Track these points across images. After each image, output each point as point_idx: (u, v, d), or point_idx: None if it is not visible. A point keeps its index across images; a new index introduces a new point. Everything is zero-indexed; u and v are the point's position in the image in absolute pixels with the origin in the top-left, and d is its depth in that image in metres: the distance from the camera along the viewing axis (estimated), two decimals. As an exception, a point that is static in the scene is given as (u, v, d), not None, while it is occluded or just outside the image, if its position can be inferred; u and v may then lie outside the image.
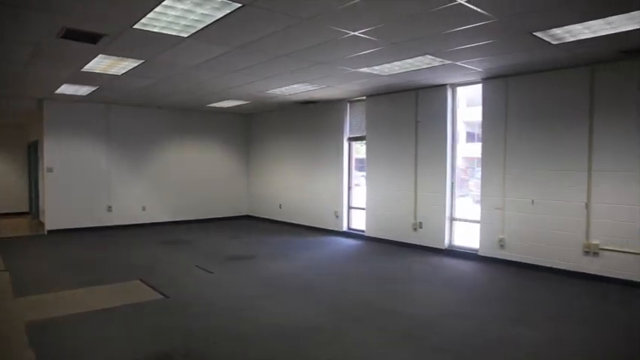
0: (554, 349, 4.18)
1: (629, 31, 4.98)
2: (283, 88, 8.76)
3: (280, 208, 12.26)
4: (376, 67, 6.88)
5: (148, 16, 4.61)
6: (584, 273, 6.55)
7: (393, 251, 8.53)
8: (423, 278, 6.69)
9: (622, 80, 6.23)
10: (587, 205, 6.56)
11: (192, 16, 4.66)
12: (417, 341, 4.35)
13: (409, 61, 6.43)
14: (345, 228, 10.41)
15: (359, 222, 10.20)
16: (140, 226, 11.36)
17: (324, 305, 5.41)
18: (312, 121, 11.11)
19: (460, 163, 15.17)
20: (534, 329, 4.63)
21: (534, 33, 5.10)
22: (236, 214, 13.26)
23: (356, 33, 5.14)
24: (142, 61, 6.50)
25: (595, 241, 6.48)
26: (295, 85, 8.45)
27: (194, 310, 5.17)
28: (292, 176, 11.87)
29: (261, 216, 12.95)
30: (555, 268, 6.81)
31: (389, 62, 6.55)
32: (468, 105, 15.35)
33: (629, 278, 6.14)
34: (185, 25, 4.93)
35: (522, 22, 4.78)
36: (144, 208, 11.55)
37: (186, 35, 5.25)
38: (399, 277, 6.71)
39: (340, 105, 10.35)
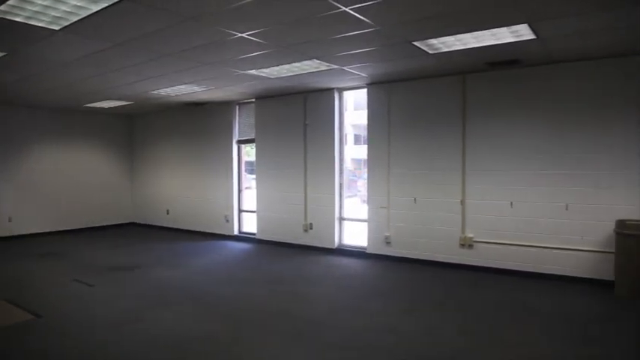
0: (434, 332, 4.48)
1: (492, 45, 5.51)
2: (169, 89, 8.40)
3: (168, 213, 11.74)
4: (265, 70, 6.87)
5: (9, 2, 4.12)
6: (461, 264, 7.13)
7: (284, 253, 8.58)
8: (314, 278, 6.81)
9: (489, 88, 6.90)
10: (462, 202, 7.15)
11: (63, 7, 4.26)
12: (310, 340, 4.41)
13: (297, 64, 6.51)
14: (236, 232, 10.26)
15: (250, 225, 10.12)
16: (6, 239, 10.17)
17: (216, 312, 5.28)
18: (201, 123, 10.80)
19: (349, 164, 15.63)
20: (418, 317, 4.93)
21: (413, 42, 5.44)
22: (120, 222, 12.44)
23: (243, 35, 5.08)
24: (4, 53, 5.82)
25: (470, 235, 7.09)
26: (182, 86, 8.15)
27: (71, 330, 4.73)
28: (180, 180, 11.43)
29: (148, 223, 12.30)
30: (436, 261, 7.33)
31: (277, 65, 6.58)
32: (355, 108, 15.97)
33: (500, 266, 6.82)
34: (55, 17, 4.50)
35: (402, 31, 5.07)
36: (10, 219, 10.35)
37: (57, 28, 4.79)
38: (291, 279, 6.76)
39: (229, 107, 10.19)
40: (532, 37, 5.19)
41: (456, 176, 7.19)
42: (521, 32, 5.06)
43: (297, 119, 8.96)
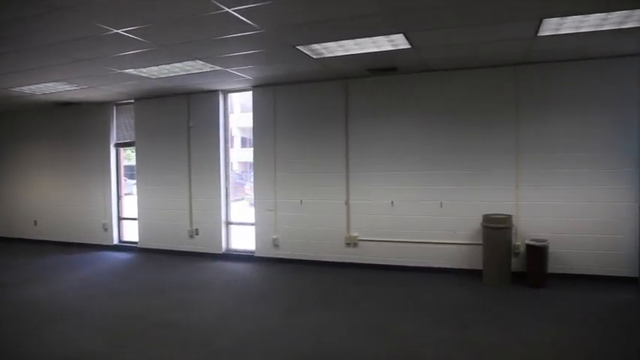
0: (321, 331, 4.59)
1: (372, 52, 5.80)
2: (35, 86, 7.62)
3: (36, 224, 10.61)
4: (144, 69, 6.53)
5: None
6: (348, 262, 7.39)
7: (169, 261, 8.21)
8: (200, 285, 6.61)
9: (370, 93, 7.25)
10: (346, 202, 7.41)
11: None
12: (197, 348, 4.28)
13: (179, 65, 6.28)
14: (115, 241, 9.60)
15: (132, 233, 9.54)
16: None
17: (95, 328, 4.88)
18: (74, 125, 9.91)
19: (236, 167, 15.37)
20: (305, 318, 5.01)
21: (297, 47, 5.52)
22: (-25, 236, 11.00)
23: (120, 31, 4.78)
24: None
25: (355, 234, 7.37)
26: (51, 84, 7.44)
27: None
28: (50, 187, 10.38)
29: (12, 236, 10.97)
30: (324, 261, 7.51)
31: (157, 65, 6.29)
32: (242, 111, 15.80)
33: (384, 263, 7.19)
34: None
35: (286, 35, 5.13)
36: None
37: None
38: (176, 287, 6.49)
39: (106, 108, 9.50)
40: (408, 46, 5.55)
41: (340, 178, 7.45)
42: (398, 42, 5.39)
43: (180, 121, 8.63)
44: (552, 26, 4.90)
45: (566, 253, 6.42)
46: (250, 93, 8.06)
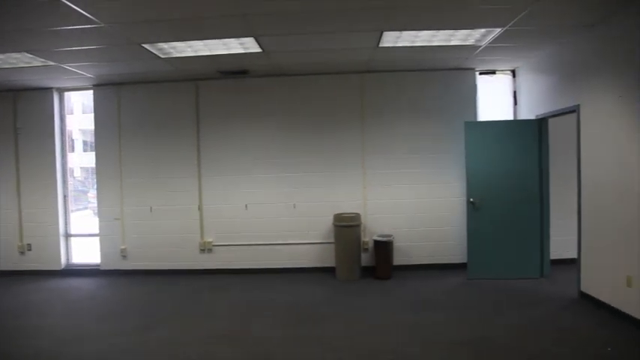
0: (175, 342, 4.38)
1: (223, 54, 5.72)
2: None
3: None
4: (-44, 61, 5.62)
5: None
6: (203, 269, 7.17)
7: (-5, 282, 7.13)
8: (35, 309, 5.82)
9: (222, 96, 7.13)
10: (200, 208, 7.20)
11: None
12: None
13: (1, 56, 5.52)
14: None
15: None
16: None
17: None
18: None
19: (78, 173, 14.05)
20: (158, 331, 4.74)
21: (143, 45, 5.22)
22: None
23: None
24: None
25: (209, 239, 7.19)
26: None
27: None
28: None
29: None
30: (178, 269, 7.19)
31: (-27, 56, 5.46)
32: (85, 112, 14.45)
33: (240, 267, 7.12)
34: None
35: (130, 32, 4.81)
36: None
37: None
38: (3, 314, 5.65)
39: None
40: (259, 50, 5.58)
41: (192, 182, 7.21)
42: (249, 45, 5.39)
43: (5, 123, 7.55)
44: (391, 39, 5.33)
45: (409, 246, 7.04)
46: (91, 92, 7.39)
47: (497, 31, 5.10)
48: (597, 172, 5.12)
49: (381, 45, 5.55)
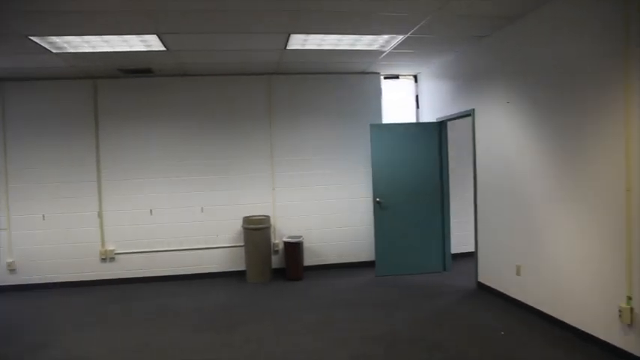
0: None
1: (124, 51, 5.42)
2: None
3: None
4: None
5: None
6: (105, 279, 6.73)
7: None
8: None
9: (123, 95, 6.76)
10: (100, 214, 6.75)
11: None
12: None
13: None
14: None
15: None
16: None
17: None
18: None
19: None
20: (47, 349, 4.37)
21: (31, 37, 4.79)
22: None
23: None
24: None
25: (111, 247, 6.77)
26: None
27: None
28: None
29: None
30: (77, 281, 6.68)
31: None
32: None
33: (146, 275, 6.80)
34: None
35: (16, 23, 4.39)
36: None
37: None
38: None
39: None
40: (162, 48, 5.36)
41: (91, 187, 6.74)
42: (151, 42, 5.16)
43: None
44: (299, 41, 5.37)
45: (320, 247, 7.14)
46: (-30, 89, 6.66)
47: (400, 37, 5.34)
48: (488, 170, 5.54)
49: (288, 47, 5.58)
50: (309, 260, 7.05)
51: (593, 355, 3.83)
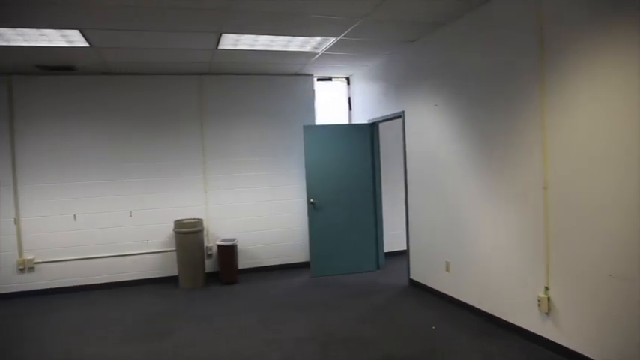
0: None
1: (43, 47, 5.09)
2: None
3: None
4: None
5: None
6: (23, 291, 6.25)
7: None
8: None
9: (43, 93, 6.34)
10: (16, 221, 6.29)
11: None
12: None
13: None
14: None
15: None
16: None
17: None
18: None
19: None
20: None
21: None
22: None
23: None
24: None
25: (30, 256, 6.32)
26: None
27: None
28: None
29: None
30: (-12, 294, 6.20)
31: None
32: None
33: (70, 284, 6.40)
34: None
35: None
36: None
37: None
38: None
39: None
40: (85, 44, 5.09)
41: (7, 192, 6.25)
42: (74, 38, 4.89)
43: None
44: (231, 41, 5.29)
45: (255, 249, 7.07)
46: None
47: (332, 40, 5.40)
48: (418, 170, 5.73)
49: (220, 47, 5.48)
50: (244, 263, 6.96)
51: (515, 343, 4.05)
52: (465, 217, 4.88)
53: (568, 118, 3.55)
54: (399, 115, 6.08)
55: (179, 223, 6.45)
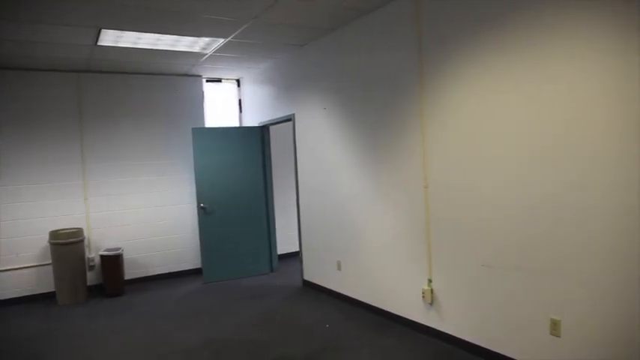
0: None
1: None
2: None
3: None
4: None
5: None
6: None
7: None
8: None
9: None
10: None
11: None
12: None
13: None
14: None
15: None
16: None
17: None
18: None
19: None
20: None
21: None
22: None
23: None
24: None
25: None
26: None
27: None
28: None
29: None
30: None
31: None
32: None
33: None
34: None
35: None
36: None
37: None
38: None
39: None
40: None
41: None
42: None
43: None
44: (112, 37, 4.98)
45: (143, 257, 6.71)
46: None
47: (221, 41, 5.30)
48: (309, 172, 5.84)
49: (100, 43, 5.12)
50: (131, 273, 6.57)
51: (403, 334, 4.28)
52: (354, 216, 5.06)
53: (442, 120, 3.84)
54: (290, 118, 6.14)
55: (54, 234, 5.91)
